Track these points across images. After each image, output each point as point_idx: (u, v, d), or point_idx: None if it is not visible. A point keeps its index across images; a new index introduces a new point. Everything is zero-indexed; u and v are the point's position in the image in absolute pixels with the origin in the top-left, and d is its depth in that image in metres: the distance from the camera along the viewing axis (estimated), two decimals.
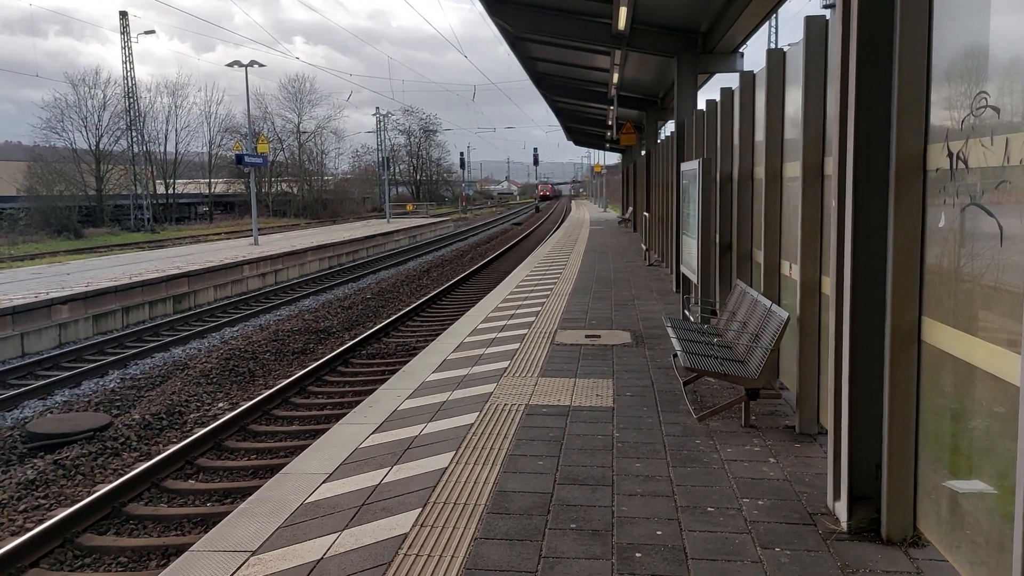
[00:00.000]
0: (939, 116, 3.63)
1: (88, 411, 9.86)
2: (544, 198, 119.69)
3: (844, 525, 4.12)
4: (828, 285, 4.78)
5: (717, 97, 9.48)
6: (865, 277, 4.01)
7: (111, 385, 11.41)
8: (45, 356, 13.33)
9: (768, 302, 6.27)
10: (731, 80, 11.21)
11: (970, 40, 3.38)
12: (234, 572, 3.81)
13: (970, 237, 3.34)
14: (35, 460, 8.10)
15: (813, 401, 5.68)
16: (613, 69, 18.93)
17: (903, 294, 3.79)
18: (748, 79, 7.91)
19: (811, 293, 5.56)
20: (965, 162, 3.33)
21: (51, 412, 10.02)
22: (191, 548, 4.12)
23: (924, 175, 3.73)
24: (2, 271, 22.82)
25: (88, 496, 6.83)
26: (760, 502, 4.50)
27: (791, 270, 6.29)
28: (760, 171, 7.24)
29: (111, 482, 7.21)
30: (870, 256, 3.98)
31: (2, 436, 8.86)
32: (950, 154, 3.46)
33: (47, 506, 6.97)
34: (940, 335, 3.57)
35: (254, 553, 4.00)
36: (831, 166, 4.51)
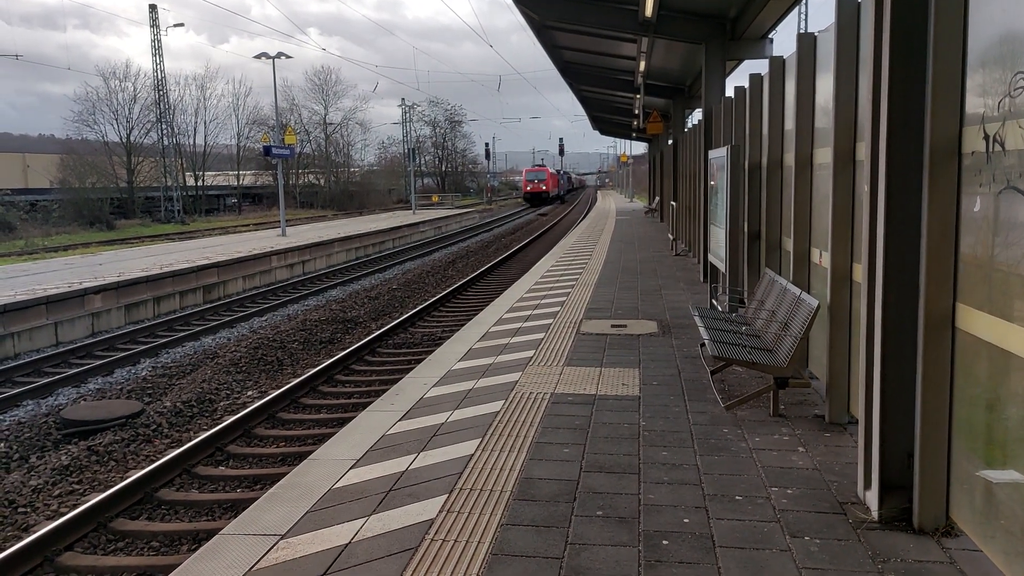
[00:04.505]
0: (975, 98, 3.55)
1: (121, 398, 10.01)
2: (535, 196, 71.01)
3: (875, 514, 4.07)
4: (859, 272, 4.71)
5: (746, 84, 9.37)
6: (898, 263, 3.95)
7: (143, 373, 11.58)
8: (78, 344, 13.55)
9: (798, 290, 6.20)
10: (760, 67, 11.08)
11: (1007, 20, 3.29)
12: (263, 555, 3.85)
13: (1007, 221, 3.27)
14: (69, 446, 8.24)
15: (843, 390, 5.61)
16: (640, 57, 18.79)
17: (937, 280, 3.73)
18: (778, 65, 7.80)
19: (842, 281, 5.48)
20: (1002, 144, 3.25)
21: (84, 399, 10.19)
22: (221, 532, 4.17)
23: (959, 159, 3.66)
24: (36, 261, 23.24)
25: (121, 482, 6.95)
26: (789, 491, 4.46)
27: (821, 258, 6.21)
28: (790, 158, 7.16)
29: (143, 468, 7.32)
30: (903, 242, 3.91)
31: (37, 423, 9.03)
32: (986, 136, 3.39)
33: (81, 491, 7.09)
34: (975, 322, 3.50)
35: (283, 537, 4.04)
36: (863, 151, 4.43)
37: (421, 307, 15.46)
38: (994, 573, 3.41)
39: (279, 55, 32.00)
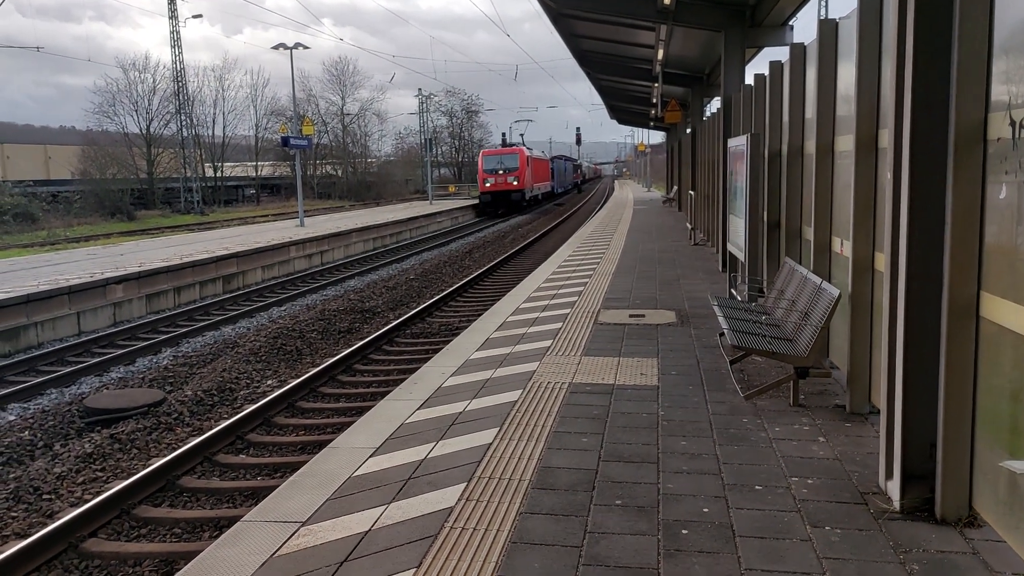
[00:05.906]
0: (1000, 84, 3.50)
1: (142, 387, 10.12)
2: (500, 199, 45.80)
3: (897, 504, 4.04)
4: (881, 261, 4.66)
5: (766, 72, 9.28)
6: (921, 251, 3.90)
7: (164, 362, 11.68)
8: (101, 334, 13.70)
9: (818, 279, 6.15)
10: (780, 54, 10.97)
11: None
12: (285, 541, 3.88)
13: None
14: (92, 434, 8.34)
15: (864, 380, 5.57)
16: (658, 45, 18.64)
17: (961, 268, 3.68)
18: (798, 51, 7.73)
19: (863, 270, 5.43)
20: None
21: (107, 388, 10.30)
22: (243, 519, 4.21)
23: (984, 145, 3.61)
24: (59, 252, 23.50)
25: (143, 469, 7.02)
26: (809, 481, 4.44)
27: (842, 247, 6.16)
28: (810, 146, 7.09)
29: (165, 456, 7.39)
30: (927, 230, 3.87)
31: (61, 411, 9.14)
32: (1012, 123, 3.34)
33: (104, 479, 7.18)
34: (1000, 310, 3.46)
35: (304, 524, 4.08)
36: (886, 138, 4.38)
37: (439, 297, 15.49)
38: (1018, 564, 3.38)
39: (297, 46, 32.02)
